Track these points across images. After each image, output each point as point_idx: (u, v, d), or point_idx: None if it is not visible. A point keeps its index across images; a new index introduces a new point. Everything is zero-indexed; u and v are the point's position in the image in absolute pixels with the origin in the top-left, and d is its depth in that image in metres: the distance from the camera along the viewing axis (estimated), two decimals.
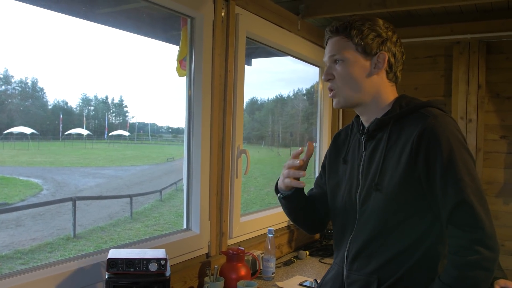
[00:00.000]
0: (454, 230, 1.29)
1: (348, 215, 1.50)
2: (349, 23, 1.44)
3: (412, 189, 1.35)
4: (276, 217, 2.86)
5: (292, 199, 1.59)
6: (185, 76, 2.24)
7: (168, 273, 1.60)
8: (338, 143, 1.65)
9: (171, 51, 2.36)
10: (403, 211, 1.37)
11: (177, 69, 2.29)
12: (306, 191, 1.68)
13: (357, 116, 1.57)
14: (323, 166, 1.69)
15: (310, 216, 1.70)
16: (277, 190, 1.64)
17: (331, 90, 1.49)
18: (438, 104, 1.42)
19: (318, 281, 2.20)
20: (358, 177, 1.48)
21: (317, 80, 3.61)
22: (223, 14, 2.28)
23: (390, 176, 1.37)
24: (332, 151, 1.66)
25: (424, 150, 1.30)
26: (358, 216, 1.46)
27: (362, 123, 1.54)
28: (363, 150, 1.49)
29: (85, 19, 2.28)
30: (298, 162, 1.49)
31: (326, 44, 1.51)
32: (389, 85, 1.47)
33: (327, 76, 1.48)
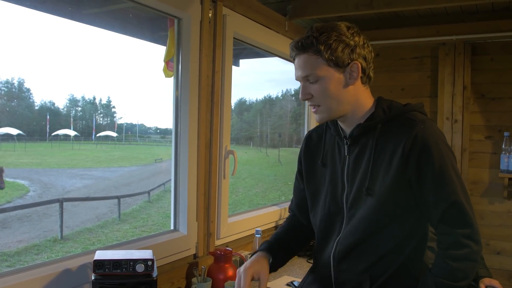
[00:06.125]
0: (445, 228, 1.35)
1: (333, 218, 1.51)
2: (314, 38, 1.39)
3: (401, 192, 1.39)
4: (263, 217, 2.87)
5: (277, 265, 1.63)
6: (172, 77, 2.24)
7: (155, 274, 1.59)
8: (311, 145, 1.65)
9: (158, 51, 2.36)
10: (393, 212, 1.40)
11: (164, 70, 2.28)
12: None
13: None
14: (300, 172, 1.68)
15: (302, 242, 1.75)
16: None
17: (313, 106, 1.47)
18: (419, 108, 1.46)
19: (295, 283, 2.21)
20: (343, 181, 1.49)
21: None
22: (210, 15, 2.28)
23: (381, 181, 1.39)
24: (307, 155, 1.65)
25: (416, 155, 1.34)
26: (345, 220, 1.47)
27: (340, 126, 1.53)
28: (345, 154, 1.50)
29: (71, 19, 2.26)
30: None
31: (294, 59, 1.47)
32: (364, 90, 1.48)
33: (305, 96, 1.45)
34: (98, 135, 19.92)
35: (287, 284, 2.29)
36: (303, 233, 1.72)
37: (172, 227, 2.25)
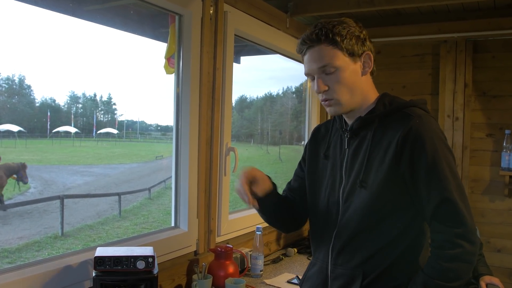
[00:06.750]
0: (438, 225, 1.34)
1: (331, 210, 1.51)
2: (328, 29, 1.40)
3: (395, 186, 1.38)
4: None
5: (263, 204, 1.57)
6: (173, 74, 2.24)
7: (155, 270, 1.60)
8: (318, 137, 1.66)
9: (159, 48, 2.35)
10: (386, 207, 1.40)
11: (165, 67, 2.28)
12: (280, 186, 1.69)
13: None
14: (303, 159, 1.69)
15: (284, 215, 1.68)
16: None
17: (326, 100, 1.45)
18: (420, 104, 1.45)
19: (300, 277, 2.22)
20: (342, 174, 1.50)
21: (306, 78, 3.61)
22: (211, 11, 2.28)
23: (374, 174, 1.40)
24: (312, 145, 1.66)
25: (409, 150, 1.34)
26: (341, 212, 1.48)
27: (344, 120, 1.54)
28: (345, 147, 1.51)
29: (72, 16, 2.26)
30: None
31: (304, 54, 1.46)
32: (371, 82, 1.50)
33: (322, 88, 1.43)
34: (98, 132, 19.92)
35: (288, 281, 2.29)
36: (293, 204, 1.69)
37: (172, 224, 2.25)
